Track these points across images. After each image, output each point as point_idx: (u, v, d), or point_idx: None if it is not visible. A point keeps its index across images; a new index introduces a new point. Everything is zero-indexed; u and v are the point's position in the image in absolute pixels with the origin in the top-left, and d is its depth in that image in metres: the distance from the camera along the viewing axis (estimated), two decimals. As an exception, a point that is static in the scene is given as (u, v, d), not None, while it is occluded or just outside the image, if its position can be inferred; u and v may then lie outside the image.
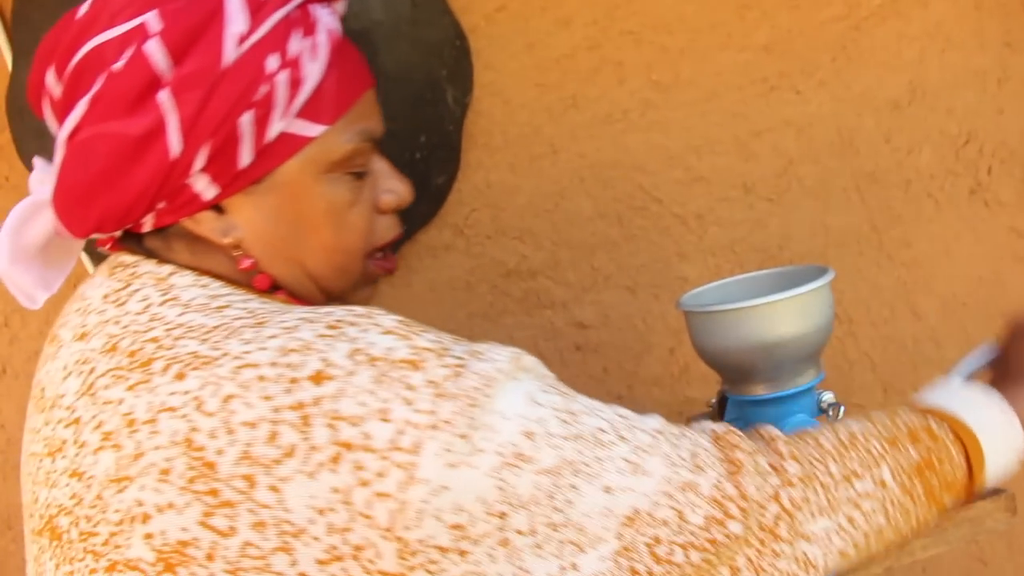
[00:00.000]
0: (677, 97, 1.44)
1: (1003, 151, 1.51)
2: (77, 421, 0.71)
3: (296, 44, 0.75)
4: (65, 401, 0.73)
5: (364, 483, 0.63)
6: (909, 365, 1.55)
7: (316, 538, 0.64)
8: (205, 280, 0.76)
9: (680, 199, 1.46)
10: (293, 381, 0.65)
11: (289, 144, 0.76)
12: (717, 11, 1.43)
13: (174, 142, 0.72)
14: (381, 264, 0.87)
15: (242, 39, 0.73)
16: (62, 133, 0.75)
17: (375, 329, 0.67)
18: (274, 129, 0.75)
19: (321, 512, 0.64)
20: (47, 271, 0.83)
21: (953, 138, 1.50)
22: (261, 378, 0.65)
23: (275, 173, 0.77)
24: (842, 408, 0.99)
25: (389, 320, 0.69)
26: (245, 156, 0.74)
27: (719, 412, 1.04)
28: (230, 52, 0.72)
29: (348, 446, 0.64)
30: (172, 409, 0.67)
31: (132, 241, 0.80)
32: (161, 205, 0.75)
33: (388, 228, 0.86)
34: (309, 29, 0.77)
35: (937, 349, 1.55)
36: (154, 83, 0.72)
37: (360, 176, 0.81)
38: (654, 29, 1.42)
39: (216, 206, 0.77)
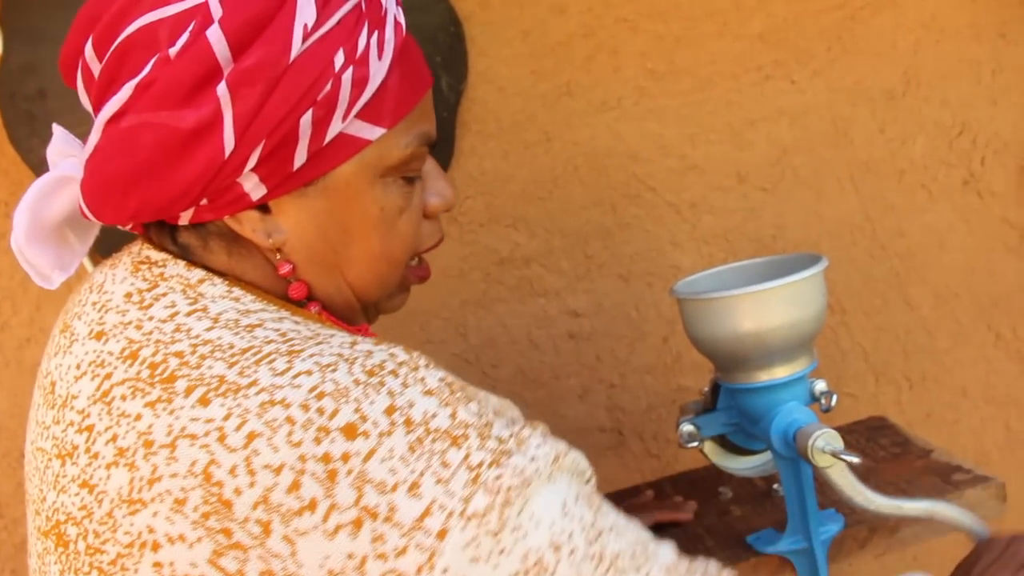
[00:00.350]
0: (672, 85, 1.44)
1: (996, 142, 1.52)
2: (90, 429, 0.68)
3: (364, 39, 0.69)
4: (78, 404, 0.70)
5: (382, 556, 0.61)
6: (901, 354, 1.56)
7: None
8: (237, 292, 0.71)
9: (674, 187, 1.47)
10: (323, 430, 0.61)
11: (347, 146, 0.71)
12: (713, 0, 1.43)
13: (228, 139, 0.66)
14: (416, 272, 0.82)
15: (310, 31, 0.66)
16: (101, 115, 0.69)
17: (417, 387, 0.64)
18: (333, 130, 0.69)
19: (333, 573, 0.62)
20: (64, 251, 0.79)
21: (947, 129, 1.50)
22: (290, 420, 0.62)
23: (329, 176, 0.71)
24: (834, 396, 0.99)
25: (433, 378, 0.65)
26: (300, 157, 0.69)
27: (712, 400, 1.04)
28: (297, 45, 0.66)
29: (373, 514, 0.61)
30: (193, 436, 0.63)
31: (163, 233, 0.75)
32: (204, 201, 0.70)
33: (432, 233, 0.81)
34: (378, 22, 0.70)
35: (929, 339, 1.56)
36: (213, 74, 0.65)
37: (412, 181, 0.76)
38: (649, 17, 1.42)
39: (262, 206, 0.72)
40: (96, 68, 0.70)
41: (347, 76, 0.67)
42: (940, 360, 1.57)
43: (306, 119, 0.67)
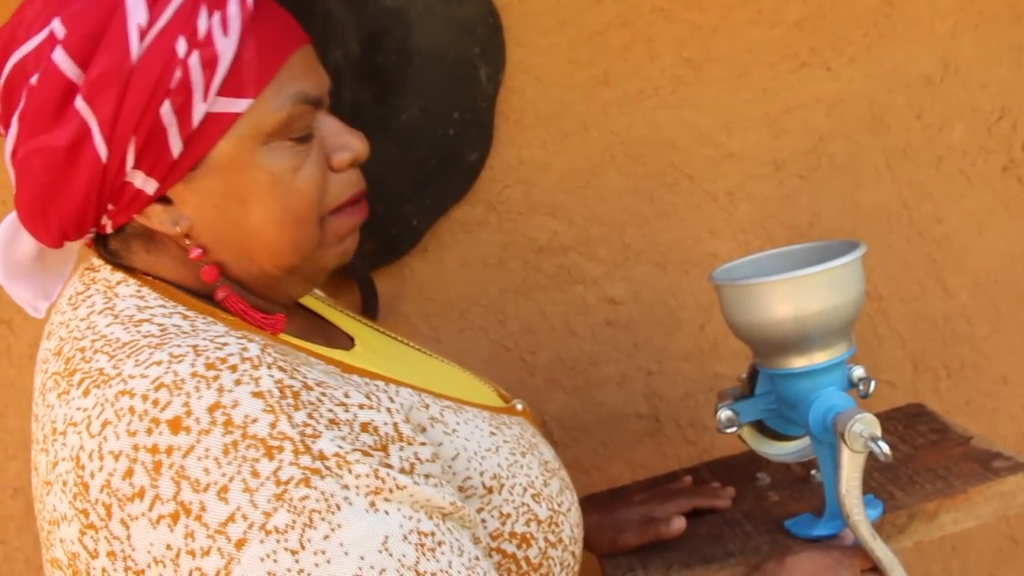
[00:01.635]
0: (708, 74, 1.44)
1: (1037, 127, 1.51)
2: (36, 418, 0.74)
3: (204, 22, 0.71)
4: (35, 396, 0.76)
5: (191, 552, 0.63)
6: (939, 342, 1.55)
7: None
8: (145, 291, 0.76)
9: (711, 175, 1.47)
10: (154, 422, 0.64)
11: (217, 124, 0.73)
12: (748, -13, 1.43)
13: (100, 146, 0.71)
14: (346, 219, 0.82)
15: (145, 30, 0.70)
16: (6, 152, 0.75)
17: (248, 386, 0.65)
18: (198, 112, 0.72)
19: (156, 561, 0.64)
20: (45, 280, 0.85)
21: (986, 114, 1.50)
22: (132, 409, 0.65)
23: (210, 156, 0.74)
24: (873, 382, 0.99)
25: (269, 379, 0.66)
26: (175, 145, 0.72)
27: (750, 385, 1.05)
28: (135, 46, 0.69)
29: (187, 510, 0.63)
30: (75, 424, 0.68)
31: (98, 243, 0.80)
32: (110, 207, 0.75)
33: (346, 186, 0.81)
34: (217, 3, 0.73)
35: (968, 326, 1.55)
36: (69, 91, 0.70)
37: (304, 140, 0.77)
38: (685, 6, 1.42)
39: (163, 198, 0.76)
40: None
41: (194, 60, 0.71)
42: (979, 347, 1.56)
43: (166, 109, 0.71)
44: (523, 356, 1.49)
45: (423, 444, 0.72)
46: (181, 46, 0.70)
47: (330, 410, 0.67)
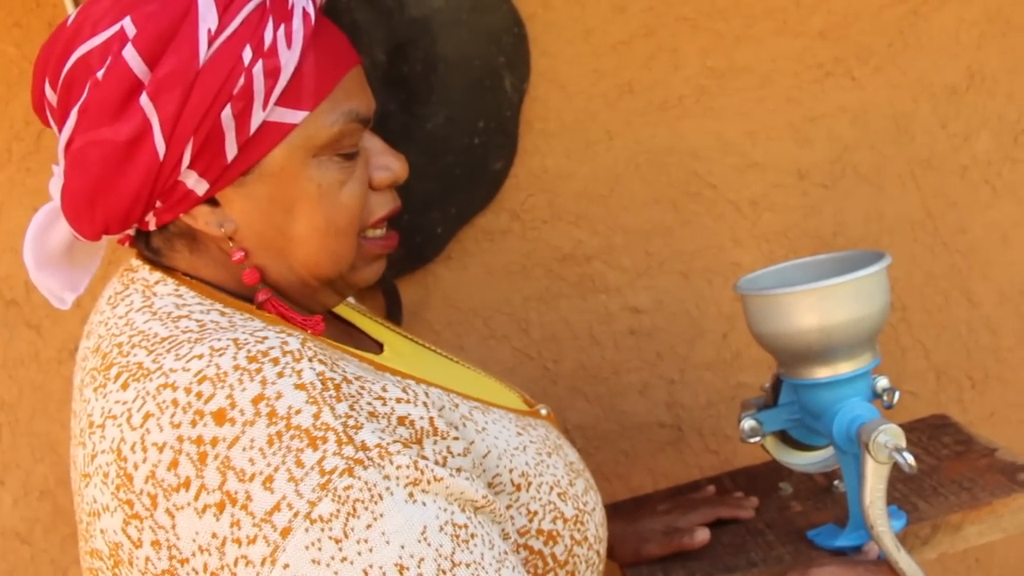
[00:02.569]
0: (732, 83, 1.45)
1: (1063, 137, 1.50)
2: (74, 414, 0.77)
3: (270, 33, 0.74)
4: (73, 394, 0.79)
5: (237, 541, 0.64)
6: (963, 352, 1.55)
7: (196, 571, 0.66)
8: (183, 290, 0.78)
9: (734, 185, 1.47)
10: (199, 414, 0.66)
11: (273, 133, 0.76)
12: (773, -3, 1.43)
13: (159, 144, 0.73)
14: (379, 242, 0.85)
15: (214, 35, 0.72)
16: (60, 142, 0.77)
17: (291, 378, 0.67)
18: (256, 120, 0.74)
19: (201, 550, 0.65)
20: (73, 272, 0.87)
21: (1012, 123, 1.49)
22: (175, 402, 0.67)
23: (262, 163, 0.76)
24: (897, 393, 0.99)
25: (311, 371, 0.68)
26: (231, 149, 0.74)
27: (773, 395, 1.05)
28: (204, 50, 0.72)
29: (233, 500, 0.64)
30: (114, 417, 0.70)
31: (139, 241, 0.83)
32: (158, 204, 0.77)
33: (383, 204, 0.85)
34: (283, 16, 0.75)
35: (993, 337, 1.54)
36: (135, 88, 0.72)
37: (350, 156, 0.80)
38: (709, 15, 1.43)
39: (211, 200, 0.77)
40: (54, 101, 0.77)
41: (258, 69, 0.73)
42: (1004, 358, 1.55)
43: (227, 114, 0.73)
44: (546, 364, 1.50)
45: (456, 439, 0.74)
46: (247, 54, 0.73)
47: (369, 403, 0.69)
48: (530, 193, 1.45)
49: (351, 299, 1.08)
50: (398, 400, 0.71)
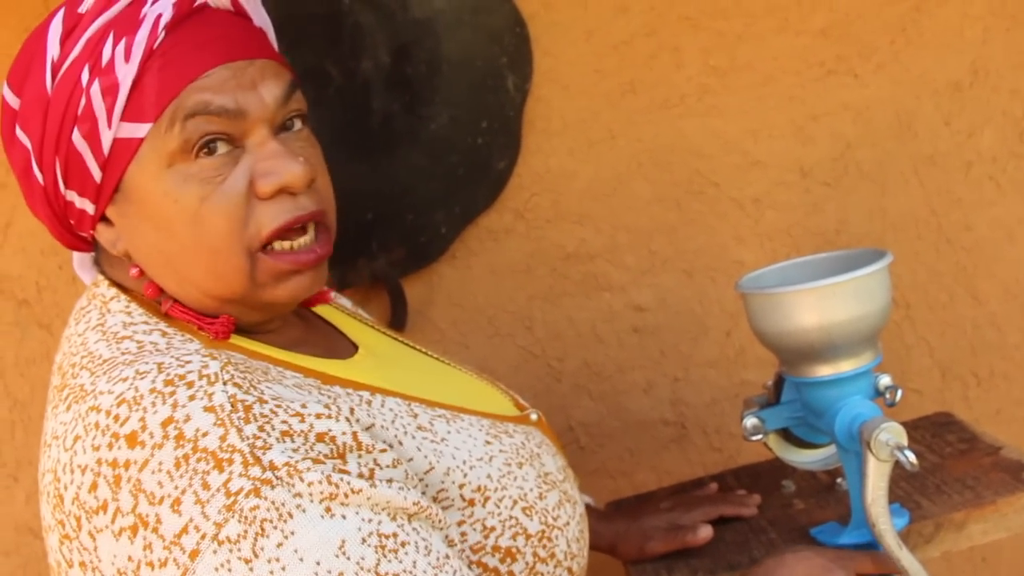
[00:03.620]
0: (734, 82, 1.45)
1: (1068, 133, 1.50)
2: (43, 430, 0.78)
3: (109, 50, 0.73)
4: None
5: (150, 564, 0.65)
6: (968, 350, 1.54)
7: None
8: (132, 307, 0.78)
9: (737, 183, 1.47)
10: (115, 437, 0.66)
11: (124, 149, 0.74)
12: (775, -5, 1.43)
13: (36, 169, 0.77)
14: (286, 257, 0.76)
15: (57, 63, 0.74)
16: None
17: (202, 401, 0.66)
18: (106, 138, 0.74)
19: (120, 572, 0.66)
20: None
21: (1017, 119, 1.49)
22: (96, 424, 0.68)
23: (124, 181, 0.75)
24: (899, 391, 0.99)
25: (222, 394, 0.67)
26: (94, 170, 0.75)
27: (776, 393, 1.05)
28: (48, 78, 0.74)
29: (144, 522, 0.65)
30: (57, 438, 0.71)
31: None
32: (72, 222, 0.80)
33: (275, 214, 0.75)
34: (126, 30, 0.73)
35: (998, 334, 1.54)
36: (13, 119, 0.77)
37: (220, 164, 0.74)
38: (711, 14, 1.43)
39: (105, 219, 0.78)
40: None
41: (95, 88, 0.73)
42: (1010, 356, 1.55)
43: (77, 136, 0.74)
44: (550, 362, 1.50)
45: (383, 451, 0.72)
46: (85, 75, 0.74)
47: (284, 421, 0.68)
48: (534, 192, 1.45)
49: (342, 298, 1.07)
50: (318, 416, 0.69)
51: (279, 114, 0.77)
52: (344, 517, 0.66)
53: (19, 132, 0.77)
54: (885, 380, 1.00)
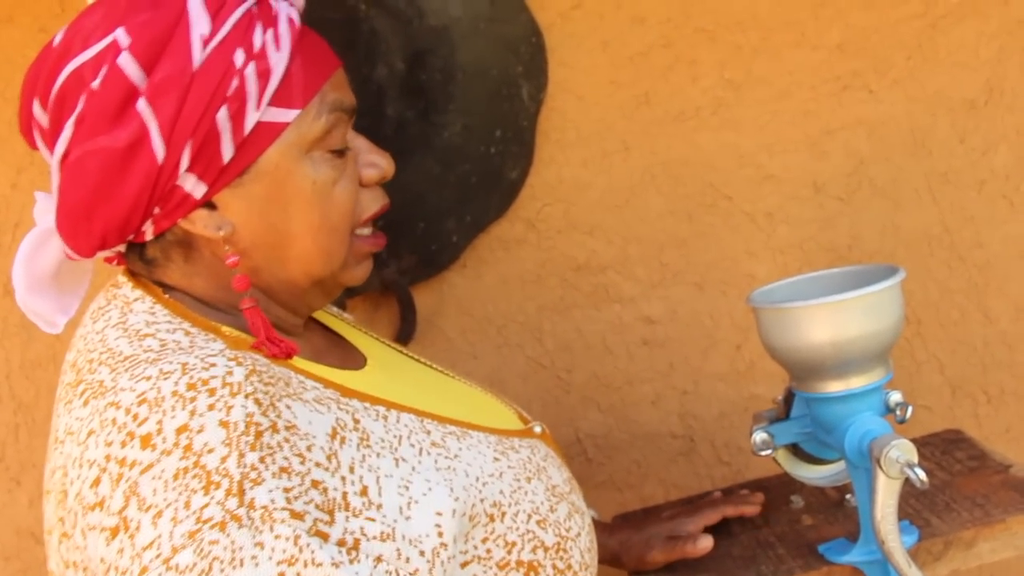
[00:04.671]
0: (749, 95, 1.45)
1: (1082, 152, 1.49)
2: (52, 428, 0.77)
3: (259, 37, 0.77)
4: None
5: (115, 569, 0.63)
6: (979, 367, 1.54)
7: None
8: (158, 308, 0.78)
9: (750, 197, 1.47)
10: (131, 436, 0.65)
11: (267, 132, 0.78)
12: (791, 9, 1.43)
13: (158, 147, 0.74)
14: (369, 240, 0.87)
15: (207, 39, 0.75)
16: (54, 158, 0.78)
17: (219, 414, 0.65)
18: (251, 120, 0.76)
19: (104, 572, 0.65)
20: (63, 296, 0.87)
21: (1031, 139, 1.48)
22: (114, 421, 0.67)
23: (258, 162, 0.78)
24: (910, 408, 0.99)
25: (241, 410, 0.66)
26: (227, 150, 0.76)
27: (786, 408, 1.05)
28: (197, 54, 0.74)
29: (127, 526, 0.63)
30: (72, 434, 0.70)
31: (133, 254, 0.83)
32: (157, 210, 0.77)
33: (373, 201, 0.87)
34: (270, 22, 0.78)
35: (1009, 352, 1.53)
36: (131, 94, 0.74)
37: (341, 154, 0.83)
38: (727, 27, 1.43)
39: (208, 204, 0.78)
40: (44, 120, 0.78)
41: (250, 71, 0.76)
42: (1020, 374, 1.54)
43: (222, 115, 0.75)
44: (559, 374, 1.50)
45: (371, 520, 0.70)
46: (239, 57, 0.75)
47: (286, 458, 0.66)
48: (546, 203, 1.45)
49: (338, 310, 1.08)
50: (317, 464, 0.69)
51: None
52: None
53: (143, 108, 0.73)
54: (895, 397, 0.99)
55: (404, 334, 1.42)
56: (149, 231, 0.79)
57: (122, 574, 0.63)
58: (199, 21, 0.75)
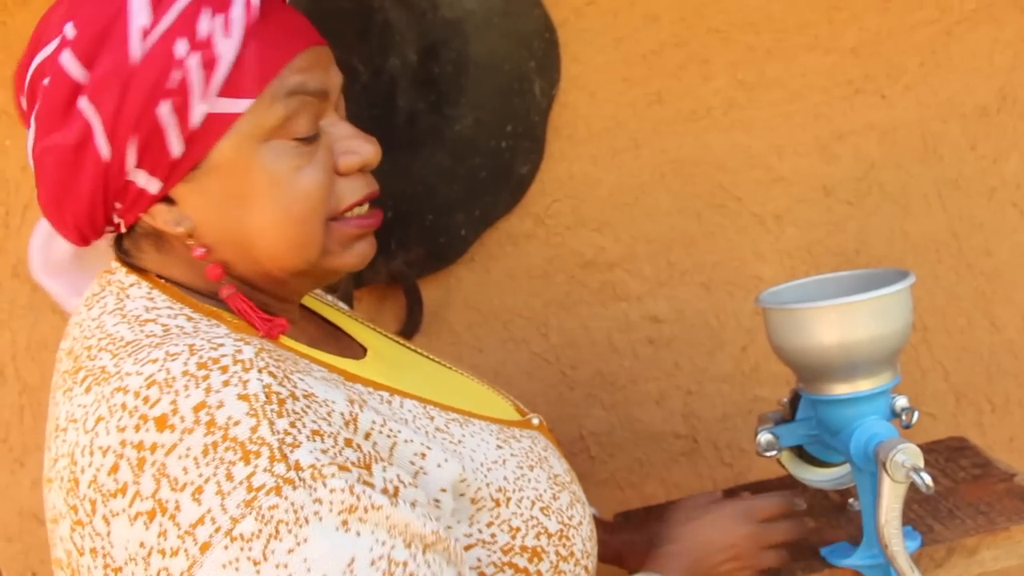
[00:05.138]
0: (761, 97, 1.45)
1: (1094, 163, 1.49)
2: (48, 418, 0.77)
3: (206, 25, 0.72)
4: (50, 397, 0.79)
5: (161, 552, 0.63)
6: (984, 376, 1.54)
7: None
8: (155, 293, 0.77)
9: (759, 198, 1.47)
10: (143, 419, 0.65)
11: (218, 124, 0.74)
12: (805, 12, 1.43)
13: (102, 145, 0.72)
14: (353, 222, 0.81)
15: (147, 31, 0.71)
16: (28, 151, 0.78)
17: (236, 388, 0.65)
18: (198, 113, 0.73)
19: (131, 559, 0.64)
20: (81, 278, 0.86)
21: (1042, 147, 1.48)
22: (124, 406, 0.66)
23: (211, 156, 0.74)
24: (916, 413, 0.99)
25: (257, 382, 0.66)
26: (175, 145, 0.73)
27: (791, 410, 1.05)
28: (136, 47, 0.71)
29: (163, 508, 0.63)
30: (75, 421, 0.69)
31: (116, 244, 0.82)
32: (118, 205, 0.76)
33: (354, 190, 0.80)
34: (222, 7, 0.73)
35: (1014, 361, 1.53)
36: (74, 91, 0.72)
37: (309, 140, 0.77)
38: (741, 28, 1.43)
39: (167, 198, 0.76)
40: (25, 112, 0.78)
41: (193, 61, 0.72)
42: (1024, 383, 1.55)
43: (165, 109, 0.72)
44: (564, 370, 1.50)
45: (401, 468, 0.71)
46: (181, 47, 0.72)
47: (314, 421, 0.67)
48: (555, 199, 1.45)
49: (339, 303, 1.06)
50: (345, 423, 0.69)
51: (339, 99, 0.82)
52: (359, 534, 0.65)
53: (84, 105, 0.72)
54: (902, 401, 0.99)
55: (410, 326, 1.42)
56: (121, 224, 0.78)
57: (173, 554, 0.63)
58: (139, 13, 0.72)
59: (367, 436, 0.71)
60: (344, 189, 0.80)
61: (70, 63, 0.72)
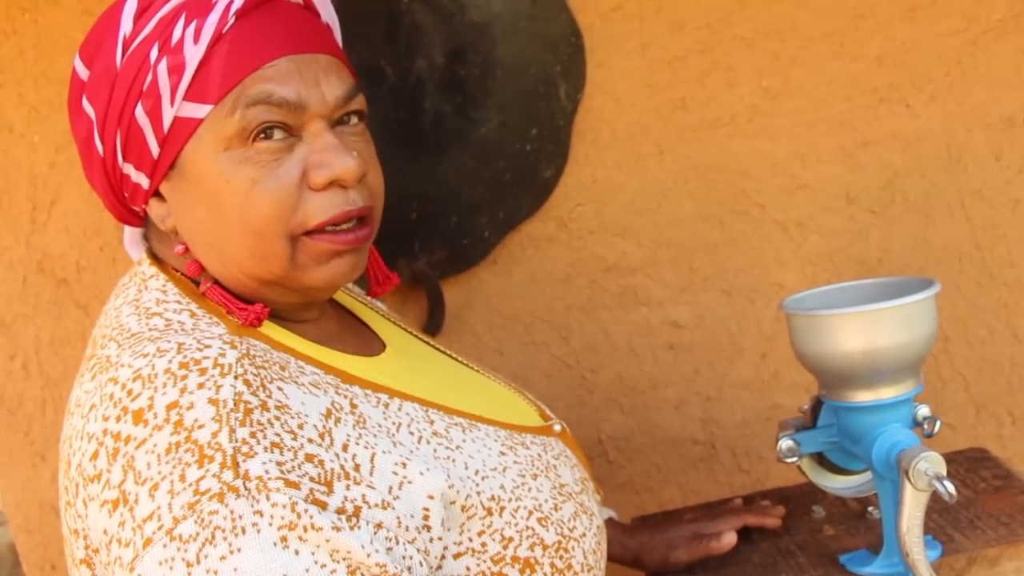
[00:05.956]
0: (785, 104, 1.45)
1: (1119, 175, 1.48)
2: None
3: (179, 31, 0.75)
4: None
5: (119, 541, 0.66)
6: (1005, 387, 1.53)
7: (102, 563, 0.68)
8: (169, 286, 0.80)
9: (782, 206, 1.47)
10: (124, 411, 0.68)
11: (183, 128, 0.76)
12: (831, 20, 1.43)
13: (97, 140, 0.79)
14: (327, 238, 0.77)
15: (129, 39, 0.76)
16: None
17: (209, 392, 0.67)
18: (167, 116, 0.75)
19: (102, 543, 0.67)
20: None
21: (1068, 159, 1.47)
22: (111, 396, 0.69)
23: (180, 158, 0.77)
24: (938, 422, 0.99)
25: (230, 388, 0.67)
26: (153, 145, 0.77)
27: (813, 416, 1.05)
28: (119, 51, 0.76)
29: (125, 500, 0.66)
30: (79, 406, 0.73)
31: (146, 236, 0.88)
32: (125, 195, 0.82)
33: (326, 207, 0.76)
34: (200, 12, 0.75)
35: (1036, 373, 1.53)
36: (80, 90, 0.80)
37: (276, 151, 0.75)
38: (767, 35, 1.43)
39: (158, 194, 0.80)
40: None
41: (162, 66, 0.75)
42: (1047, 395, 1.54)
43: (140, 111, 0.76)
44: (584, 374, 1.50)
45: (371, 487, 0.70)
46: (154, 53, 0.76)
47: (277, 434, 0.67)
48: (578, 203, 1.46)
49: (375, 301, 1.05)
50: (310, 440, 0.69)
51: (337, 111, 0.79)
52: (297, 552, 0.64)
53: (85, 103, 0.79)
54: (924, 410, 0.99)
55: (432, 327, 1.43)
56: (139, 213, 0.84)
57: (125, 545, 0.65)
58: (125, 21, 0.77)
59: (345, 447, 0.71)
60: (314, 205, 0.76)
61: (78, 64, 0.80)
